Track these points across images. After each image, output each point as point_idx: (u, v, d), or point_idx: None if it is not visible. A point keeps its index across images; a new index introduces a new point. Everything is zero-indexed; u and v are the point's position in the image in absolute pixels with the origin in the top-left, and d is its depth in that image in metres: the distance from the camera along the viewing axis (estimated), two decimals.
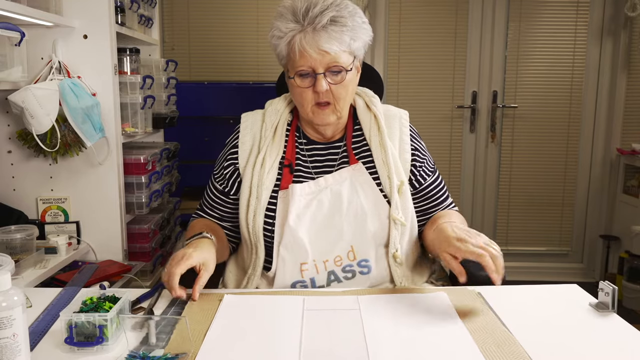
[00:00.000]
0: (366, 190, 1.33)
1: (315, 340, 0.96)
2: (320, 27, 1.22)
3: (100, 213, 1.91)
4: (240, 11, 3.23)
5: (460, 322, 1.03)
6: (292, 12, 1.25)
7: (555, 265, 3.53)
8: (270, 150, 1.36)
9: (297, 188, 1.32)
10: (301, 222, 1.30)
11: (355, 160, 1.36)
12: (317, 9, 1.23)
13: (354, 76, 1.32)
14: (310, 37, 1.23)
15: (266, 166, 1.34)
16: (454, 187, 3.48)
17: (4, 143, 1.86)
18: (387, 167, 1.32)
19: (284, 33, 1.25)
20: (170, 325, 1.01)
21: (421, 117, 3.37)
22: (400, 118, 1.44)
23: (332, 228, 1.30)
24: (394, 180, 1.31)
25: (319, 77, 1.25)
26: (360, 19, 1.28)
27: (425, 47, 3.33)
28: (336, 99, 1.29)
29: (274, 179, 1.35)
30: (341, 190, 1.32)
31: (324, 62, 1.24)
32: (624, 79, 3.32)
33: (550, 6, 3.28)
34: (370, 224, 1.30)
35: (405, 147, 1.38)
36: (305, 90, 1.28)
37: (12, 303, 0.78)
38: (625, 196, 3.30)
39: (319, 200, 1.32)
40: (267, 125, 1.39)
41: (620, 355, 0.92)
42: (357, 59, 1.32)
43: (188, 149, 2.69)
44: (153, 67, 2.35)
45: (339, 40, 1.23)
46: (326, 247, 1.30)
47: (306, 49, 1.23)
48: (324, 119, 1.32)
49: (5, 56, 1.58)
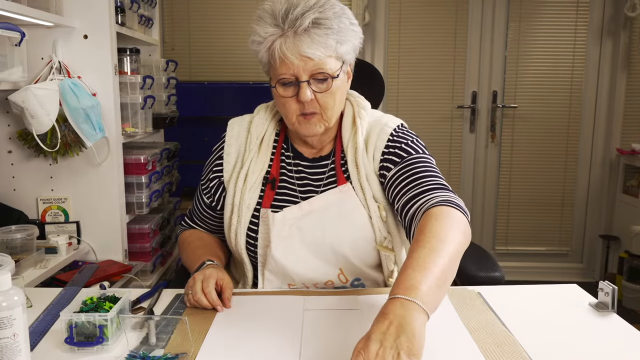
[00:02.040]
0: (353, 215, 1.22)
1: (315, 340, 0.96)
2: (301, 30, 1.11)
3: (100, 213, 1.91)
4: (240, 11, 3.23)
5: (460, 322, 1.03)
6: (272, 14, 1.15)
7: (555, 265, 3.53)
8: (254, 165, 1.27)
9: (277, 216, 1.23)
10: (284, 252, 1.22)
11: (343, 180, 1.25)
12: (298, 10, 1.12)
13: (342, 83, 1.20)
14: (291, 42, 1.12)
15: (248, 183, 1.26)
16: (454, 188, 3.43)
17: (4, 143, 1.86)
18: (362, 192, 1.22)
19: (263, 38, 1.15)
20: (170, 325, 1.01)
21: (421, 117, 3.37)
22: (384, 126, 1.26)
23: (317, 256, 1.22)
24: (372, 206, 1.22)
25: (303, 86, 1.14)
26: (347, 20, 1.17)
27: (425, 47, 3.33)
28: (323, 108, 1.18)
29: (256, 196, 1.26)
30: (324, 217, 1.23)
31: (307, 68, 1.13)
32: (623, 79, 3.32)
33: (550, 6, 3.29)
34: (357, 251, 1.22)
35: (376, 156, 1.24)
36: (288, 100, 1.17)
37: (13, 303, 0.78)
38: (625, 196, 3.30)
39: (299, 227, 1.23)
40: (252, 137, 1.30)
41: (620, 355, 0.92)
42: (346, 64, 1.20)
43: (188, 149, 2.69)
44: (153, 67, 2.35)
45: (323, 45, 1.12)
46: (314, 274, 1.23)
47: (287, 55, 1.12)
48: (310, 130, 1.20)
49: (5, 56, 1.58)
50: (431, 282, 0.87)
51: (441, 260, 0.91)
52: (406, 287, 0.85)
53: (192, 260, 1.28)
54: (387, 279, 1.26)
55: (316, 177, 1.28)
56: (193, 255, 1.31)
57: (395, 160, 1.22)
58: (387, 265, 1.25)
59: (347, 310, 1.09)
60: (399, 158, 1.21)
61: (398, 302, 0.83)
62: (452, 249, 0.95)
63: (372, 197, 1.23)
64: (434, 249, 0.92)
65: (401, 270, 0.90)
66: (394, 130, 1.25)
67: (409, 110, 3.37)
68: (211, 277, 1.13)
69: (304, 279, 1.23)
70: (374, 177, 1.23)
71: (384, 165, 1.23)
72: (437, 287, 0.88)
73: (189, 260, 1.31)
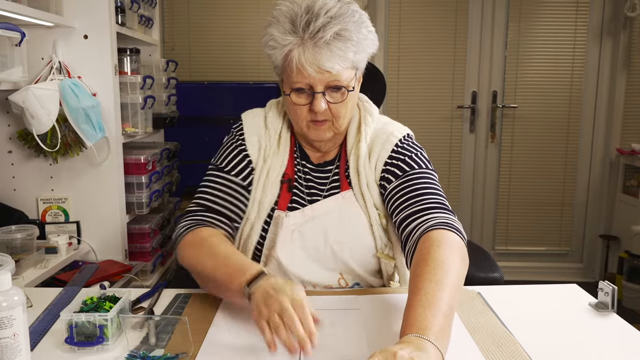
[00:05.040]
0: (354, 222, 1.21)
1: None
2: (322, 42, 1.07)
3: (100, 213, 1.91)
4: (240, 11, 3.24)
5: (460, 322, 1.03)
6: (291, 20, 1.10)
7: (554, 265, 3.54)
8: (274, 160, 1.24)
9: (285, 220, 1.21)
10: (286, 255, 1.21)
11: (347, 186, 1.24)
12: (320, 22, 1.07)
13: (355, 91, 1.19)
14: (310, 54, 1.08)
15: (270, 178, 1.23)
16: (454, 188, 3.48)
17: (4, 143, 1.86)
18: (363, 199, 1.21)
19: (279, 44, 1.10)
20: (170, 325, 1.01)
21: (421, 117, 3.37)
22: (390, 135, 1.24)
23: (318, 262, 1.22)
24: (372, 214, 1.21)
25: (317, 97, 1.12)
26: (366, 30, 1.13)
27: (425, 47, 3.33)
28: (335, 116, 1.16)
29: (275, 195, 1.24)
30: (326, 223, 1.21)
31: (323, 80, 1.10)
32: (623, 79, 3.32)
33: (550, 6, 3.29)
34: (358, 257, 1.21)
35: (378, 165, 1.22)
36: (301, 107, 1.15)
37: (13, 303, 0.78)
38: (624, 196, 3.30)
39: (301, 233, 1.21)
40: (270, 131, 1.26)
41: (620, 355, 0.92)
42: (359, 70, 1.18)
43: (188, 149, 2.69)
44: (153, 68, 2.36)
45: (342, 58, 1.09)
46: (314, 278, 1.22)
47: (305, 66, 1.08)
48: (319, 135, 1.19)
49: (5, 56, 1.58)
50: (442, 321, 0.85)
51: (447, 295, 0.89)
52: (419, 327, 0.82)
53: (227, 265, 1.06)
54: (386, 282, 1.25)
55: (321, 181, 1.27)
56: (227, 259, 1.08)
57: (397, 172, 1.20)
58: (386, 270, 1.24)
59: (347, 310, 1.09)
60: (401, 171, 1.20)
61: (415, 339, 0.80)
62: (455, 280, 0.94)
63: (373, 204, 1.22)
64: (439, 282, 0.91)
65: (410, 307, 0.88)
66: (399, 140, 1.23)
67: (409, 110, 3.38)
68: (305, 299, 0.92)
69: (304, 281, 1.23)
70: (374, 186, 1.22)
71: (385, 176, 1.21)
72: (448, 325, 0.87)
73: (220, 265, 1.07)
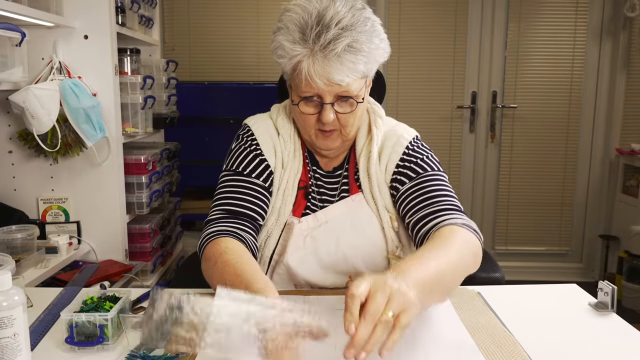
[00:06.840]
0: (364, 225, 1.22)
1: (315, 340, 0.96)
2: (333, 55, 1.04)
3: (100, 213, 1.91)
4: (240, 11, 3.24)
5: (460, 322, 1.03)
6: (301, 29, 1.06)
7: (554, 265, 3.54)
8: (292, 167, 1.22)
9: (297, 226, 1.21)
10: (297, 262, 1.21)
11: (356, 189, 1.24)
12: (331, 34, 1.04)
13: (365, 99, 1.17)
14: (320, 67, 1.05)
15: (290, 186, 1.22)
16: (454, 188, 3.40)
17: (4, 143, 1.86)
18: (374, 201, 1.21)
19: (288, 54, 1.08)
20: None
21: (421, 117, 3.37)
22: (399, 137, 1.23)
23: (329, 267, 1.21)
24: (383, 216, 1.21)
25: (326, 108, 1.10)
26: (377, 39, 1.10)
27: (425, 47, 3.33)
28: (343, 126, 1.15)
29: (292, 202, 1.22)
30: (336, 227, 1.21)
31: (332, 91, 1.08)
32: (623, 79, 3.32)
33: (550, 6, 3.29)
34: (368, 261, 1.21)
35: (389, 167, 1.22)
36: (309, 116, 1.14)
37: (13, 303, 0.78)
38: (624, 196, 3.30)
39: (314, 238, 1.21)
40: (283, 136, 1.24)
41: (620, 355, 0.92)
42: (369, 78, 1.16)
43: (188, 149, 2.69)
44: (153, 68, 2.36)
45: (353, 70, 1.06)
46: (322, 281, 1.22)
47: (314, 78, 1.06)
48: (327, 145, 1.18)
49: (6, 56, 1.58)
50: (426, 274, 0.85)
51: (443, 260, 0.91)
52: (401, 270, 0.84)
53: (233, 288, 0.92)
54: None
55: (332, 186, 1.26)
56: (233, 282, 0.98)
57: (410, 175, 1.20)
58: None
59: None
60: (415, 173, 1.20)
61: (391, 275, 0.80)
62: (455, 257, 0.95)
63: (384, 207, 1.22)
64: (436, 249, 0.94)
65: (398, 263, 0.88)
66: (409, 143, 1.23)
67: (409, 110, 3.38)
68: None
69: (313, 285, 1.23)
70: (385, 188, 1.22)
71: (397, 178, 1.21)
72: (432, 282, 0.86)
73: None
